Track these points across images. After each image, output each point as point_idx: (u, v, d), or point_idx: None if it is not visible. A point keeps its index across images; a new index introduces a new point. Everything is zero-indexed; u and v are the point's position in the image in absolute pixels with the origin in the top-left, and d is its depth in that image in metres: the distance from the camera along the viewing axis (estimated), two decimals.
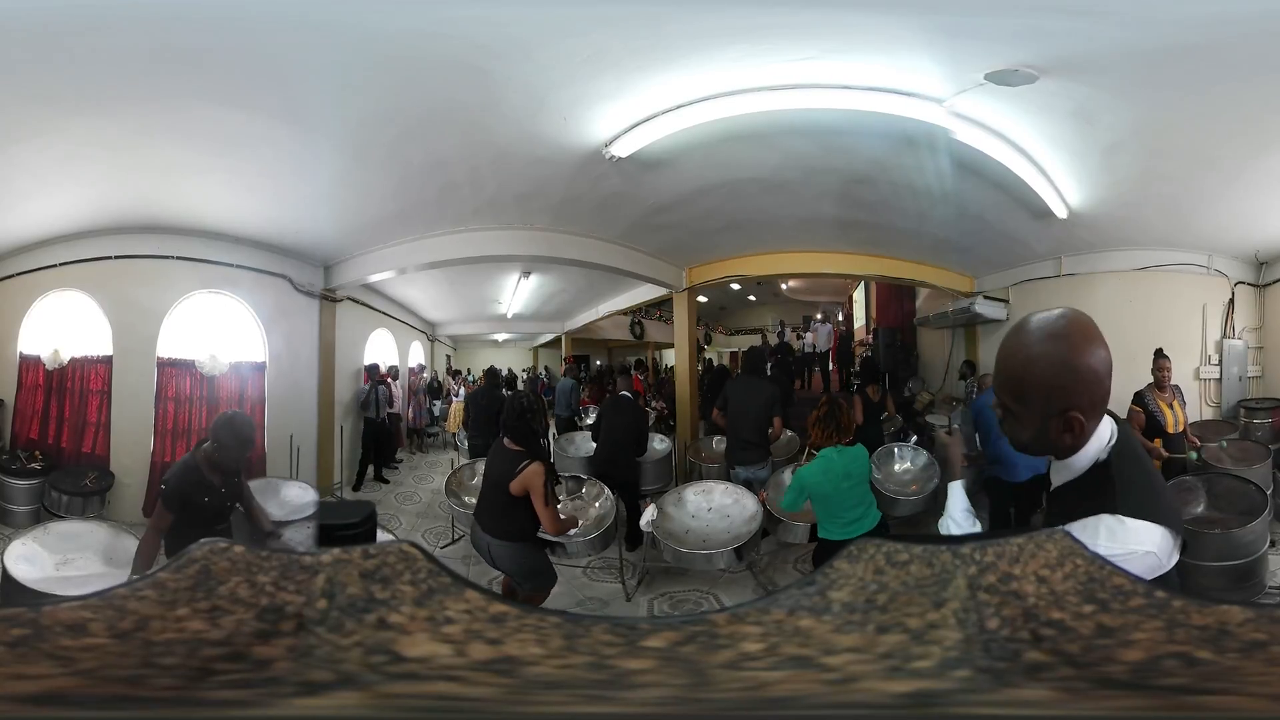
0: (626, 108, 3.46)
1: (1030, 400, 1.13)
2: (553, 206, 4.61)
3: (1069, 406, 1.10)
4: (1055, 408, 1.10)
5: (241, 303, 4.73)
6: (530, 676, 0.49)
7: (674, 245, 5.43)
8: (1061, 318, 1.11)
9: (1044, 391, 1.11)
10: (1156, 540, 1.06)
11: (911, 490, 4.48)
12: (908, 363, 6.95)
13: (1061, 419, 1.11)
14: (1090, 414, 1.11)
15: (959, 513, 1.58)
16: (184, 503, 2.57)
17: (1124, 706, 0.46)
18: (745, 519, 3.93)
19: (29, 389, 4.51)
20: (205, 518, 2.61)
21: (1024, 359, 1.12)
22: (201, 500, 2.61)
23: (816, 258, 5.61)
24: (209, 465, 2.64)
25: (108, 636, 0.51)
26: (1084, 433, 1.12)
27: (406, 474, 5.94)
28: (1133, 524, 1.06)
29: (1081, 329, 1.10)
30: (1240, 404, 4.78)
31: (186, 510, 2.56)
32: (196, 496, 2.60)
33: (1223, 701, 0.46)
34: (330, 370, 5.19)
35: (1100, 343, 1.10)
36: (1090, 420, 1.12)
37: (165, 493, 2.61)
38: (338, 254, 5.02)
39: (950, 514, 1.60)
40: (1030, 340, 1.12)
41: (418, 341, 6.63)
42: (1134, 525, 1.06)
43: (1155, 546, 1.06)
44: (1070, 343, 1.09)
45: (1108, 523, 1.06)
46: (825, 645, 0.51)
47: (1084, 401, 1.10)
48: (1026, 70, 2.97)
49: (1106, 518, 1.06)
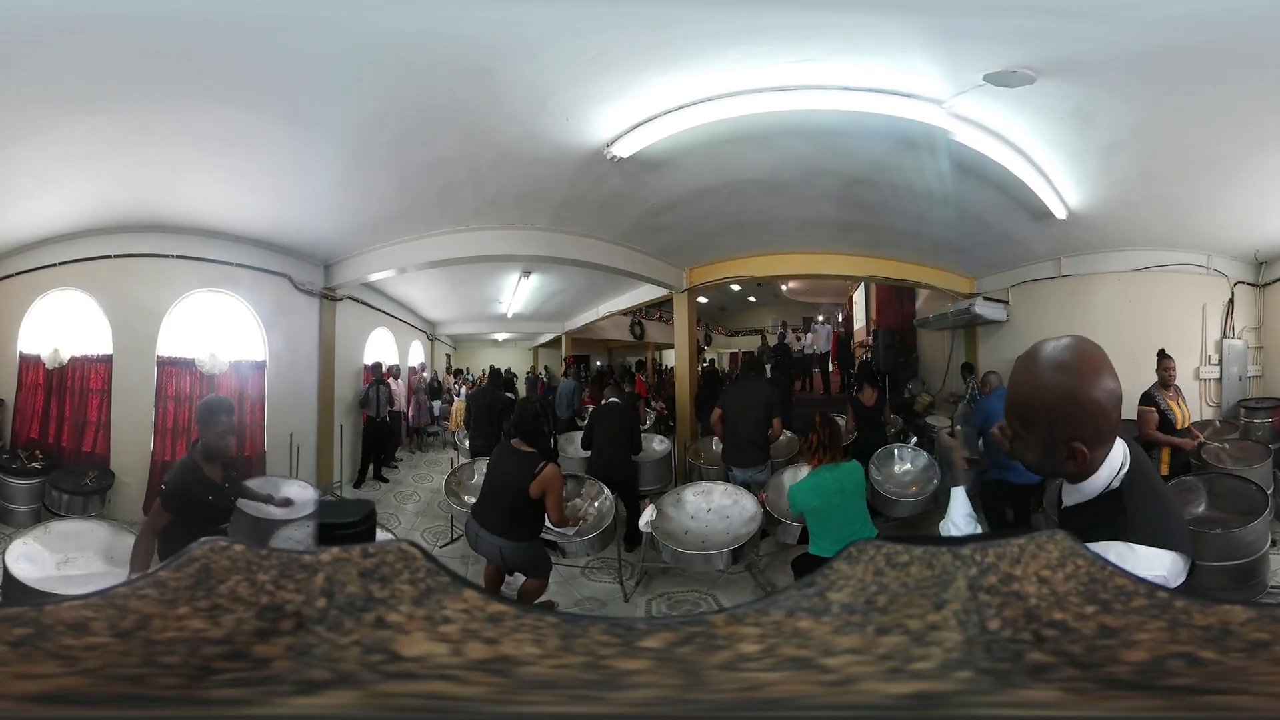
0: (628, 108, 3.46)
1: (1035, 427, 1.15)
2: (553, 206, 4.61)
3: (1072, 436, 1.11)
4: (1059, 436, 1.12)
5: (241, 301, 4.73)
6: (524, 676, 0.49)
7: (674, 246, 5.44)
8: (1069, 349, 1.13)
9: (1048, 420, 1.13)
10: (1167, 565, 1.08)
11: (912, 492, 4.48)
12: (908, 364, 6.95)
13: (1065, 447, 1.12)
14: (1094, 444, 1.12)
15: (961, 518, 1.58)
16: (185, 503, 2.54)
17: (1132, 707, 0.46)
18: (744, 520, 3.93)
19: (29, 388, 4.51)
20: (209, 516, 2.59)
21: (1031, 387, 1.14)
22: (205, 499, 2.58)
23: (816, 259, 5.61)
24: (206, 459, 2.63)
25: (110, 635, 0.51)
26: (1087, 462, 1.13)
27: (406, 473, 5.94)
28: (1143, 551, 1.07)
29: (1088, 360, 1.12)
30: (1240, 404, 4.78)
31: (189, 510, 2.54)
32: (199, 495, 2.57)
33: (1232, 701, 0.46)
34: (330, 369, 5.20)
35: (1108, 374, 1.11)
36: (1095, 450, 1.13)
37: (165, 493, 2.59)
38: (338, 253, 5.02)
39: (952, 518, 1.60)
40: (1038, 369, 1.14)
41: (418, 341, 6.63)
42: (1144, 553, 1.07)
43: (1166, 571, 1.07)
44: (1076, 374, 1.11)
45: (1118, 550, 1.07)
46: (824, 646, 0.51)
47: (1087, 433, 1.11)
48: (1025, 71, 2.97)
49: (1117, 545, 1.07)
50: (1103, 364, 1.12)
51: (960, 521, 1.58)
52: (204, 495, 2.58)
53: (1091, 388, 1.10)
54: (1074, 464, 1.13)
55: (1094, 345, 1.14)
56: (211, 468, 2.64)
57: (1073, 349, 1.12)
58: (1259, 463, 4.10)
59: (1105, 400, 1.11)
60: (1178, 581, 1.10)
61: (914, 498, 4.37)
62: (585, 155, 3.82)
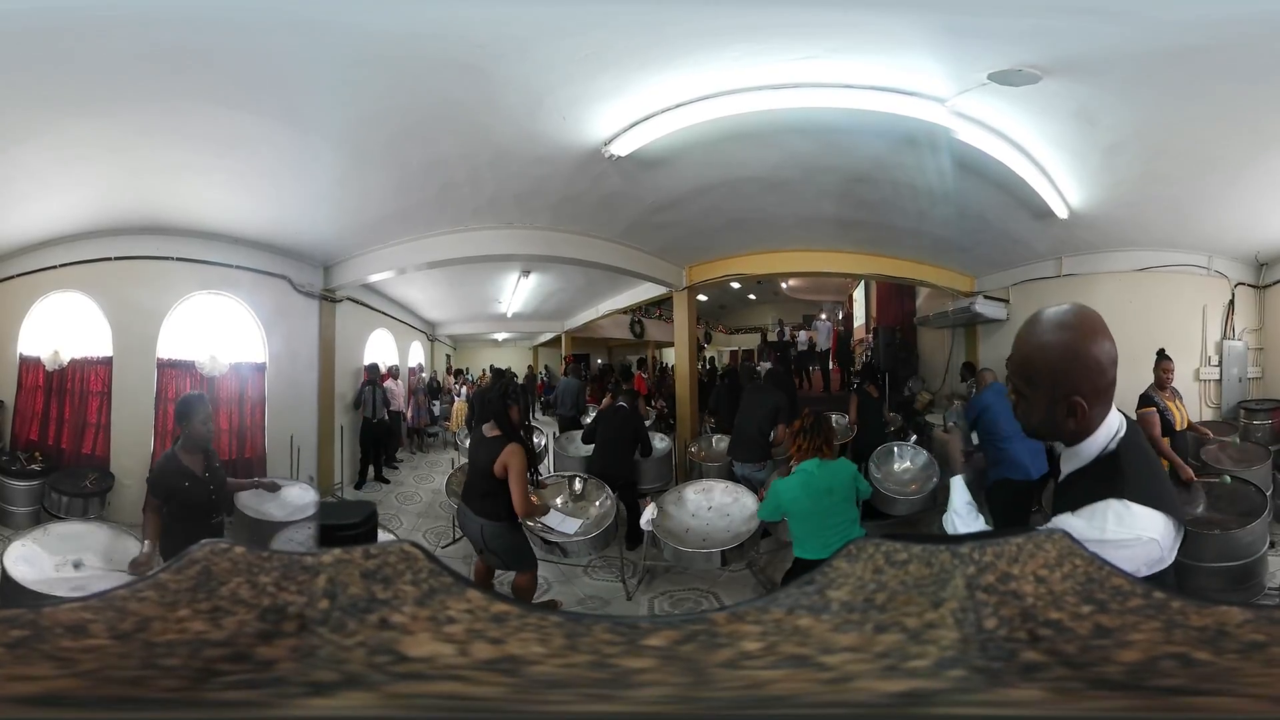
0: (626, 106, 3.46)
1: (1038, 384, 1.21)
2: (552, 205, 4.61)
3: (1072, 391, 1.18)
4: (1060, 392, 1.18)
5: (241, 303, 4.73)
6: (534, 676, 0.49)
7: (674, 244, 5.43)
8: (1070, 311, 1.21)
9: (1050, 376, 1.19)
10: (1160, 528, 1.12)
11: (911, 490, 4.49)
12: (908, 362, 6.95)
13: (1066, 403, 1.18)
14: (1093, 400, 1.19)
15: (961, 506, 1.60)
16: (168, 490, 2.88)
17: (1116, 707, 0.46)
18: (745, 518, 3.93)
19: (29, 390, 4.50)
20: (190, 504, 2.90)
21: (1034, 345, 1.21)
22: (182, 485, 2.90)
23: (817, 257, 5.60)
24: (186, 451, 2.95)
25: (108, 637, 0.51)
26: (1086, 417, 1.20)
27: (407, 474, 5.94)
28: (1139, 510, 1.11)
29: (1088, 321, 1.19)
30: (1240, 405, 4.78)
31: (172, 498, 2.88)
32: (177, 483, 2.89)
33: (1217, 703, 0.46)
34: (330, 370, 5.19)
35: (1105, 336, 1.19)
36: (1094, 406, 1.19)
37: (150, 481, 2.99)
38: (337, 254, 5.02)
39: (953, 508, 1.61)
40: (1041, 329, 1.21)
41: (417, 341, 6.62)
42: (1140, 511, 1.11)
43: (1159, 534, 1.11)
44: (1077, 332, 1.18)
45: (1115, 508, 1.11)
46: (823, 644, 0.51)
47: (1086, 387, 1.18)
48: (1030, 70, 2.97)
49: (1115, 502, 1.12)
50: (1100, 326, 1.20)
51: (962, 510, 1.60)
52: (181, 483, 2.89)
53: (1091, 345, 1.17)
54: (1074, 421, 1.20)
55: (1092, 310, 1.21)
56: (192, 458, 2.95)
57: (1073, 311, 1.20)
58: (1258, 464, 4.10)
59: (1103, 358, 1.18)
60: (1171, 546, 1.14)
61: (913, 496, 4.37)
62: (583, 154, 3.82)
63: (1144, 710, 0.46)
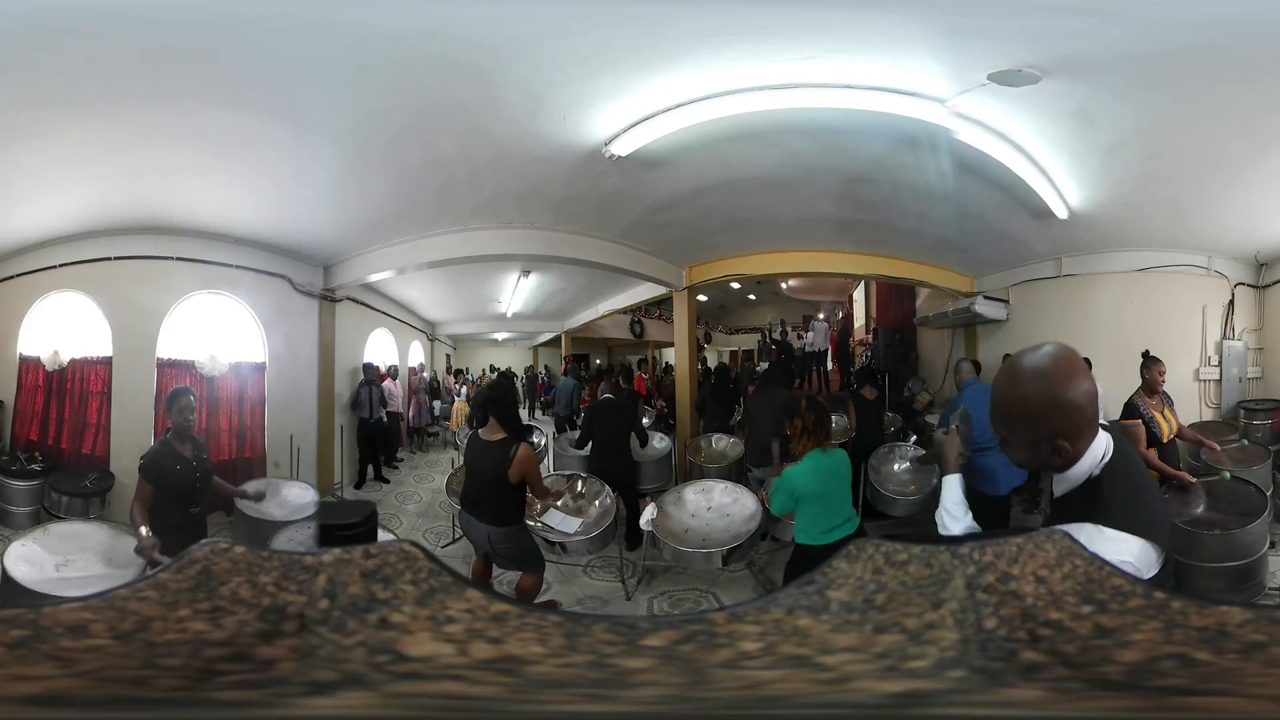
0: (626, 106, 3.46)
1: (1020, 431, 1.26)
2: (552, 205, 4.61)
3: (1054, 434, 1.22)
4: (1043, 435, 1.23)
5: (241, 303, 4.73)
6: (533, 675, 0.49)
7: (674, 244, 5.43)
8: (1046, 355, 1.24)
9: (1030, 424, 1.24)
10: (1135, 551, 1.15)
11: (910, 490, 4.48)
12: (907, 362, 6.95)
13: (1050, 445, 1.23)
14: (1075, 439, 1.24)
15: (953, 504, 1.61)
16: (160, 473, 3.05)
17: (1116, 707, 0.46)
18: (745, 518, 3.93)
19: (29, 390, 4.50)
20: (179, 484, 3.08)
21: (1013, 396, 1.25)
22: (174, 468, 3.09)
23: (817, 257, 5.60)
24: (177, 438, 3.17)
25: (109, 637, 0.51)
26: (1070, 455, 1.25)
27: (407, 473, 5.94)
28: (1112, 534, 1.15)
29: (1063, 366, 1.23)
30: (1240, 405, 4.78)
31: (164, 480, 3.04)
32: (169, 465, 3.08)
33: (1217, 703, 0.46)
34: (330, 370, 5.19)
35: (1083, 376, 1.23)
36: (1076, 444, 1.24)
37: (143, 465, 3.09)
38: (337, 254, 5.02)
39: (945, 506, 1.62)
40: (1018, 379, 1.25)
41: (417, 341, 6.62)
42: (1113, 535, 1.15)
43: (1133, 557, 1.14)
44: (1053, 380, 1.21)
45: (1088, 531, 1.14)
46: (822, 645, 0.51)
47: (1068, 429, 1.22)
48: (1030, 70, 2.97)
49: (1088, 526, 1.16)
50: (1077, 368, 1.23)
51: (953, 509, 1.61)
52: (173, 465, 3.09)
53: (1068, 391, 1.21)
54: (1059, 459, 1.25)
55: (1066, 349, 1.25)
56: (183, 447, 3.16)
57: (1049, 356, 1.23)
58: (1258, 464, 4.09)
59: (1082, 399, 1.21)
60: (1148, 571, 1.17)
61: (912, 496, 4.37)
62: (583, 154, 3.82)
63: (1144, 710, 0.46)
